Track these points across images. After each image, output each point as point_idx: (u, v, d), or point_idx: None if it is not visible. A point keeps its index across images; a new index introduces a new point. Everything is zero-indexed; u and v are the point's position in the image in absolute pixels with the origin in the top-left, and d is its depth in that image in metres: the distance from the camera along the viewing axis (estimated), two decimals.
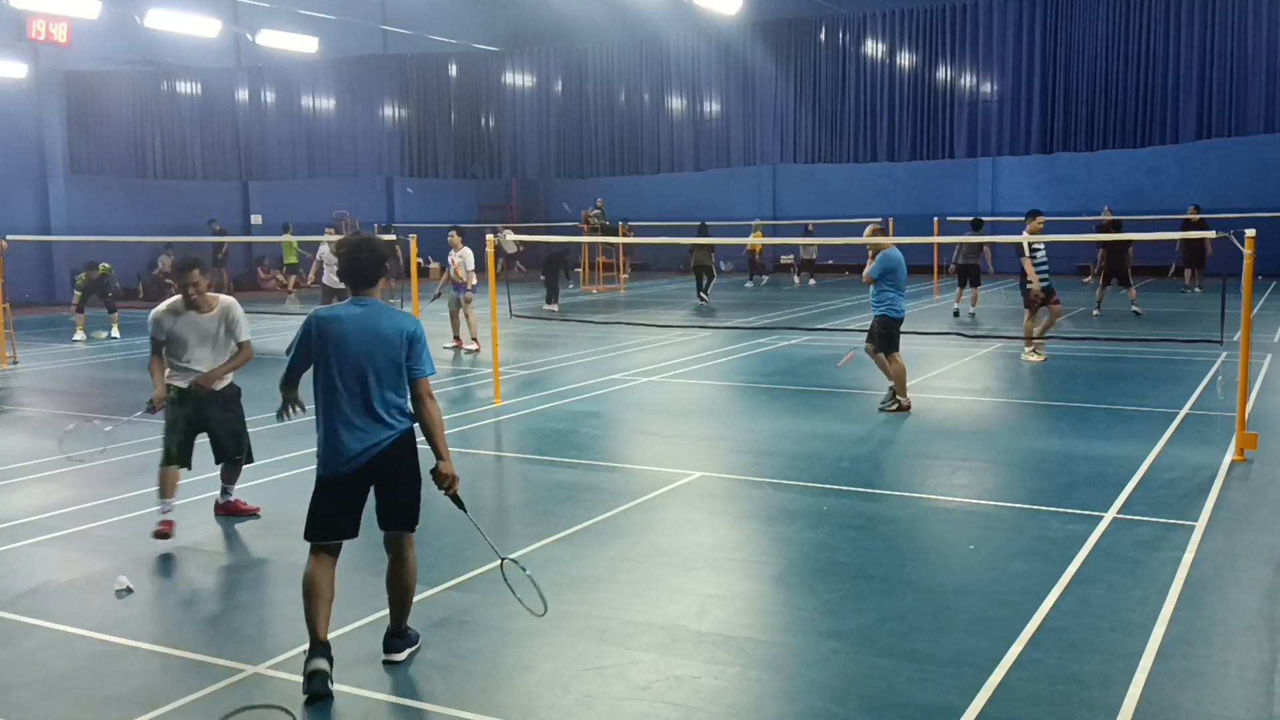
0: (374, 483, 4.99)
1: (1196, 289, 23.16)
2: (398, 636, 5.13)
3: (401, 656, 5.08)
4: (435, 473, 4.97)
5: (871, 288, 11.08)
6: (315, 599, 4.90)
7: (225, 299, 7.37)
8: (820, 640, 5.27)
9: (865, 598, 5.81)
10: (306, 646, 4.84)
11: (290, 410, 5.46)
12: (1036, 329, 14.08)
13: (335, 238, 15.60)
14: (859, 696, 4.65)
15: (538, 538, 6.55)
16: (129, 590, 6.01)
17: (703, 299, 22.62)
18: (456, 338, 16.10)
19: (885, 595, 5.85)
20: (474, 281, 15.83)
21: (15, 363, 15.25)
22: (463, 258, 15.69)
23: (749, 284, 28.56)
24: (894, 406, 10.93)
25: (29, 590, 6.15)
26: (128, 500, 7.97)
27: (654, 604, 5.73)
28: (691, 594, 5.87)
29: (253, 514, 7.57)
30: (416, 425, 5.03)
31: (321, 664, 4.72)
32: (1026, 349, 14.10)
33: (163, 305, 7.28)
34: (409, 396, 4.99)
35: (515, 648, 5.29)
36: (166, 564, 6.63)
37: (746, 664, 4.98)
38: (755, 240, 27.76)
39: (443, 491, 5.02)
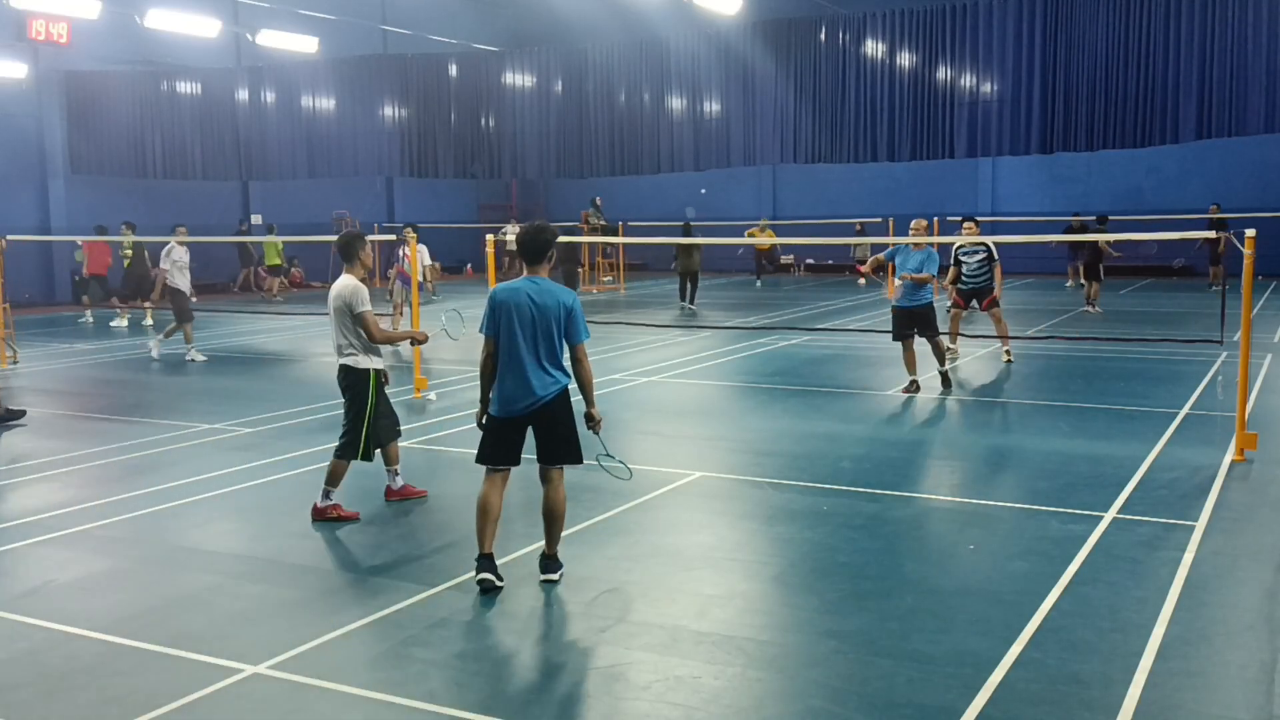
0: (534, 425, 5.97)
1: (1215, 286, 23.23)
2: (550, 559, 6.07)
3: (555, 576, 6.01)
4: (588, 417, 6.03)
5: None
6: (483, 517, 5.96)
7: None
8: (820, 640, 5.27)
9: (865, 598, 5.81)
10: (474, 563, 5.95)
11: (484, 417, 6.12)
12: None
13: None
14: (859, 696, 4.65)
15: (538, 538, 6.54)
16: None
17: (688, 307, 21.87)
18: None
19: (885, 595, 5.85)
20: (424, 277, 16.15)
21: (15, 363, 15.25)
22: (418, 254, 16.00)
23: (759, 284, 28.61)
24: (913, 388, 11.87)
25: (29, 590, 6.15)
26: (128, 500, 7.97)
27: (654, 604, 5.73)
28: (691, 594, 5.87)
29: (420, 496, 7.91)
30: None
31: (485, 575, 5.86)
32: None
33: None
34: (565, 358, 5.98)
35: (515, 648, 5.29)
36: (166, 564, 6.63)
37: (746, 664, 4.98)
38: (760, 240, 27.69)
39: (590, 429, 6.06)
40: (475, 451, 6.06)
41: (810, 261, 33.40)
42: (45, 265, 25.22)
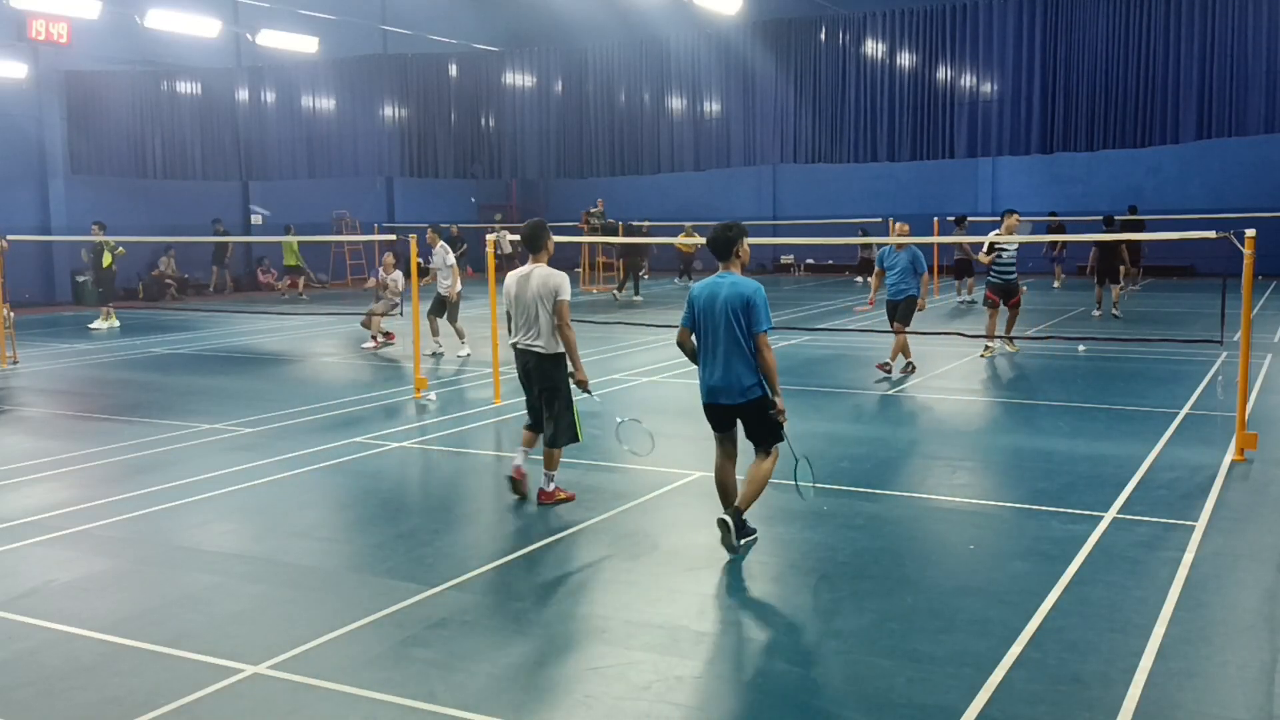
0: (741, 417, 6.48)
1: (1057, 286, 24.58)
2: (738, 513, 6.43)
3: (734, 538, 6.33)
4: (771, 408, 6.34)
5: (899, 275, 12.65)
6: (720, 487, 6.64)
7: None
8: (820, 640, 5.27)
9: (865, 598, 5.81)
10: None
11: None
12: (1000, 329, 14.45)
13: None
14: (859, 696, 4.65)
15: (538, 538, 6.55)
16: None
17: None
18: (374, 337, 16.53)
19: (885, 595, 5.85)
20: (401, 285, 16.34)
21: (15, 363, 15.25)
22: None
23: (677, 281, 29.22)
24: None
25: (29, 590, 6.15)
26: (128, 500, 7.97)
27: (654, 604, 5.73)
28: (691, 594, 5.87)
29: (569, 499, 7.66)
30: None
31: (724, 516, 6.39)
32: (991, 345, 14.52)
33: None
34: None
35: (515, 648, 5.29)
36: (166, 564, 6.63)
37: (746, 664, 4.98)
38: (683, 240, 27.63)
39: (772, 416, 6.37)
40: (477, 451, 6.05)
41: (810, 261, 33.40)
42: (45, 265, 25.21)
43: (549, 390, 7.43)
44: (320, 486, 8.45)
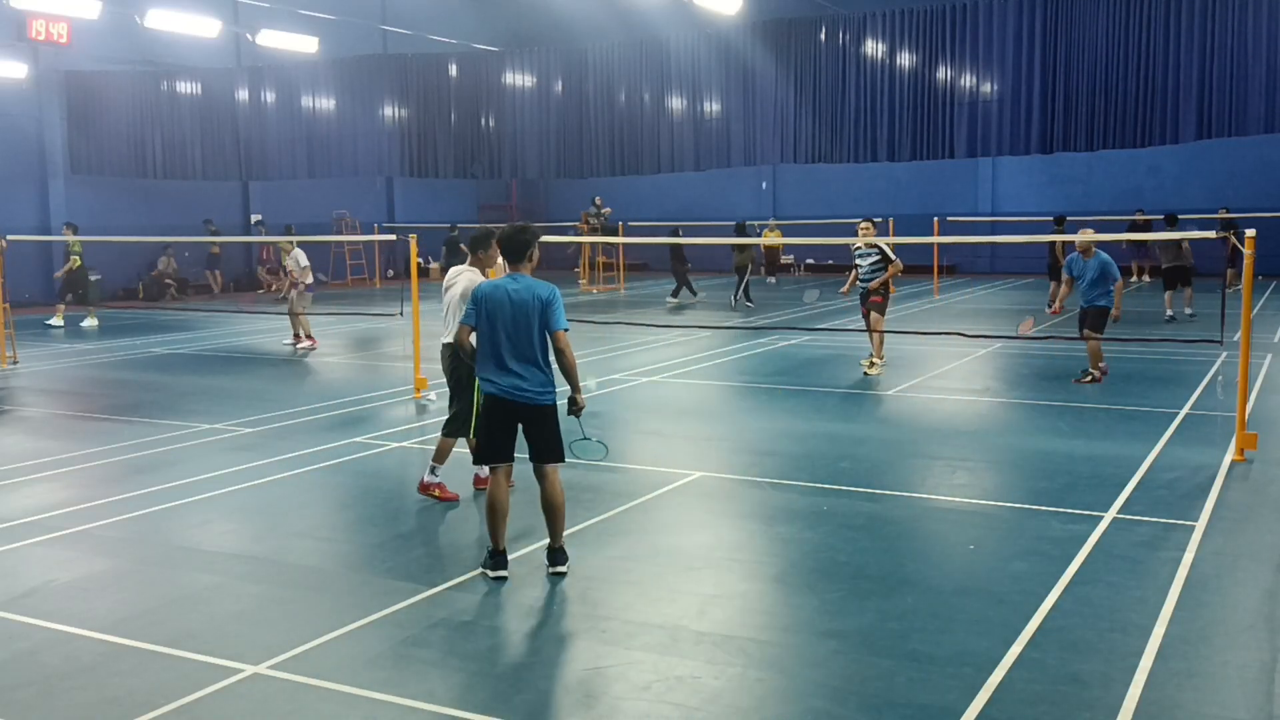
0: (524, 422, 6.15)
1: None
2: (558, 551, 6.19)
3: (564, 569, 6.14)
4: (571, 401, 6.18)
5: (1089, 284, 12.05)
6: (493, 514, 6.15)
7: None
8: (820, 640, 5.27)
9: (865, 598, 5.81)
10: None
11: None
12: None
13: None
14: (859, 696, 4.65)
15: (538, 538, 6.55)
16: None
17: (749, 303, 22.27)
18: (309, 335, 16.65)
19: (885, 595, 5.85)
20: (309, 279, 16.59)
21: (15, 363, 15.25)
22: (294, 259, 16.51)
23: (771, 280, 28.93)
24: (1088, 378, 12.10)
25: (29, 590, 6.15)
26: (128, 500, 7.97)
27: (654, 604, 5.73)
28: (691, 594, 5.87)
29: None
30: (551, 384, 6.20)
31: (499, 572, 6.07)
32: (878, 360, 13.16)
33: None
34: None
35: (515, 648, 5.29)
36: (166, 564, 6.63)
37: (746, 664, 4.98)
38: (769, 240, 28.00)
39: (570, 414, 6.18)
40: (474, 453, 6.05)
41: (810, 261, 33.41)
42: (45, 265, 25.15)
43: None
44: (320, 486, 8.45)
